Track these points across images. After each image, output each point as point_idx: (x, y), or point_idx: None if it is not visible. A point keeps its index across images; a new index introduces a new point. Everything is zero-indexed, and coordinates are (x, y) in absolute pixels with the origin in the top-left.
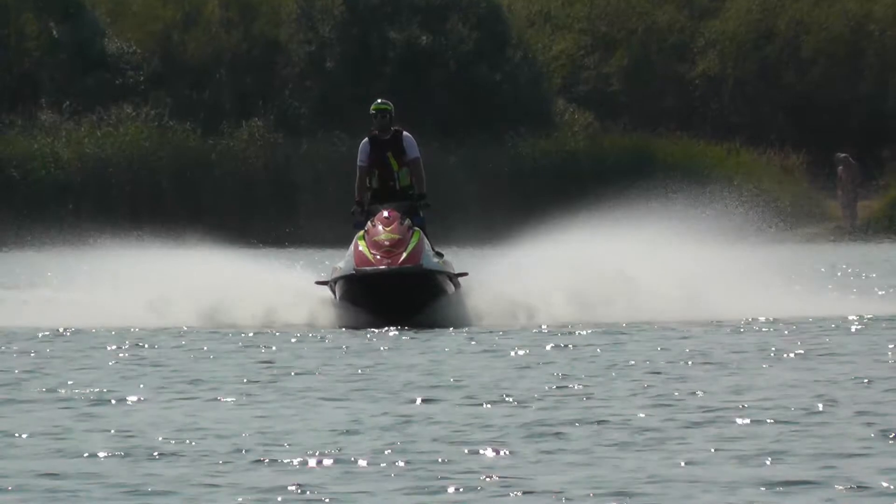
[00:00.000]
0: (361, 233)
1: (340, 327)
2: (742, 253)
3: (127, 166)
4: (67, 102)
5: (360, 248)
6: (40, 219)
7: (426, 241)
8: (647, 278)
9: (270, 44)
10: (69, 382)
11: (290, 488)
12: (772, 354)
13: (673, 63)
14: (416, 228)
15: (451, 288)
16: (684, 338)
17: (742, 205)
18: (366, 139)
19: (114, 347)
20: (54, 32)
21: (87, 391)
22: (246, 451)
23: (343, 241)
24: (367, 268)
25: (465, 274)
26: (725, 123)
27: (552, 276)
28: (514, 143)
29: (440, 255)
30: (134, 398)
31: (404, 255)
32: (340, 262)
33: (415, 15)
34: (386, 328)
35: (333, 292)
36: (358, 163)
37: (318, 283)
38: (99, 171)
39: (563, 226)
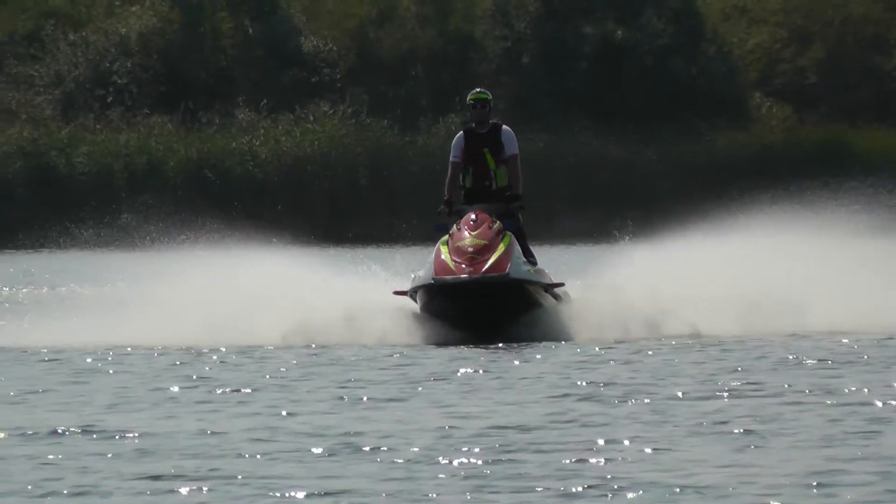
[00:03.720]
0: (446, 237)
1: (422, 341)
2: None
3: (324, 164)
4: (264, 101)
5: (442, 255)
6: (236, 216)
7: (517, 246)
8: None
9: (465, 40)
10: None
11: None
12: None
13: (869, 55)
14: (507, 233)
15: (546, 299)
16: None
17: None
18: (460, 133)
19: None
20: (249, 30)
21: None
22: None
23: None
24: (447, 277)
25: (561, 284)
26: None
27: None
28: (713, 137)
29: (533, 262)
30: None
31: (489, 262)
32: (421, 269)
33: (609, 9)
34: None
35: (415, 302)
36: (451, 158)
37: (397, 293)
38: (296, 169)
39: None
